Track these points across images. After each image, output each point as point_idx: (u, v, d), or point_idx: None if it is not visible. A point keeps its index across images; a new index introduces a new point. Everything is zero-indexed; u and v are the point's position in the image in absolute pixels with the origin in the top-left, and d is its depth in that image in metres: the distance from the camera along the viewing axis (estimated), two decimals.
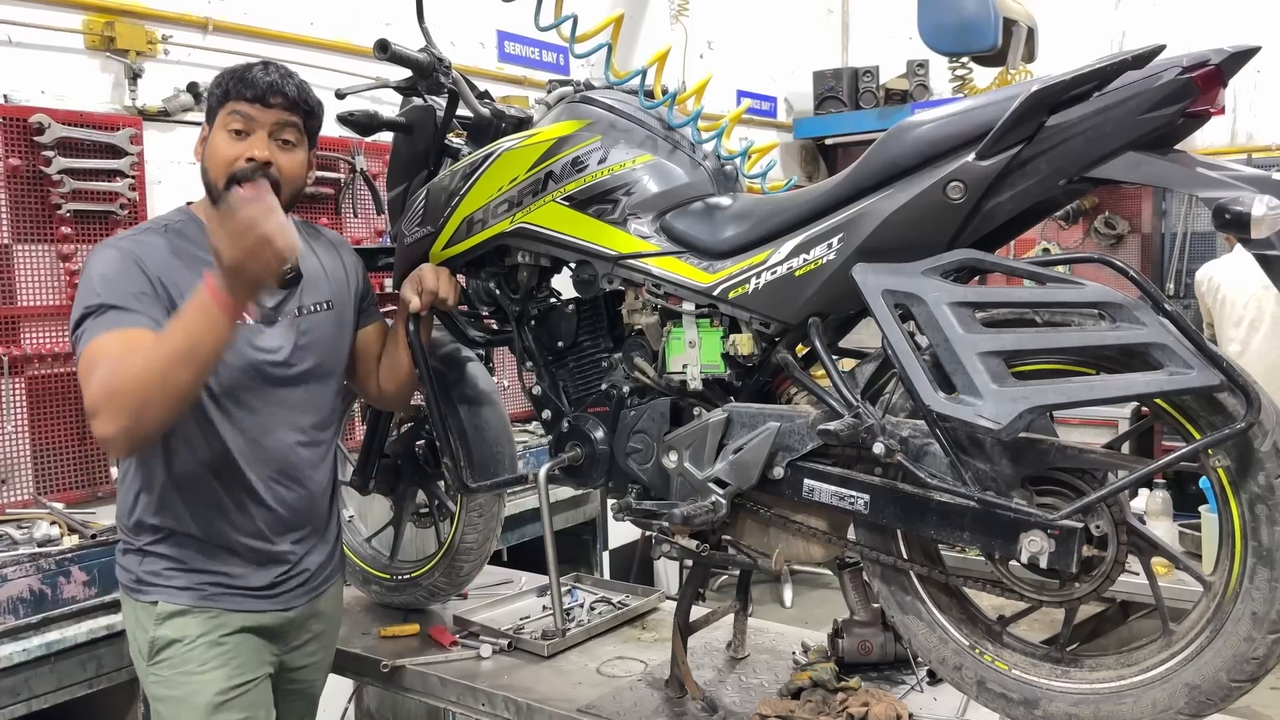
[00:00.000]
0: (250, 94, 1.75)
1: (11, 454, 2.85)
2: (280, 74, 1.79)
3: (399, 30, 2.16)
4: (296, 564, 1.90)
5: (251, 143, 1.76)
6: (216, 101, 1.79)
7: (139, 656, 1.83)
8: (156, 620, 1.79)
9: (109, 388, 1.55)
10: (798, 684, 1.94)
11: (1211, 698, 1.39)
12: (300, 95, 1.80)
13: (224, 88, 1.78)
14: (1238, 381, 1.29)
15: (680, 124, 1.89)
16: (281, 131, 1.79)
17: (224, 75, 1.80)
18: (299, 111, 1.80)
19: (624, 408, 1.88)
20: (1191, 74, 1.30)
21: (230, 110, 1.76)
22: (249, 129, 1.76)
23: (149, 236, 1.78)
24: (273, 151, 1.77)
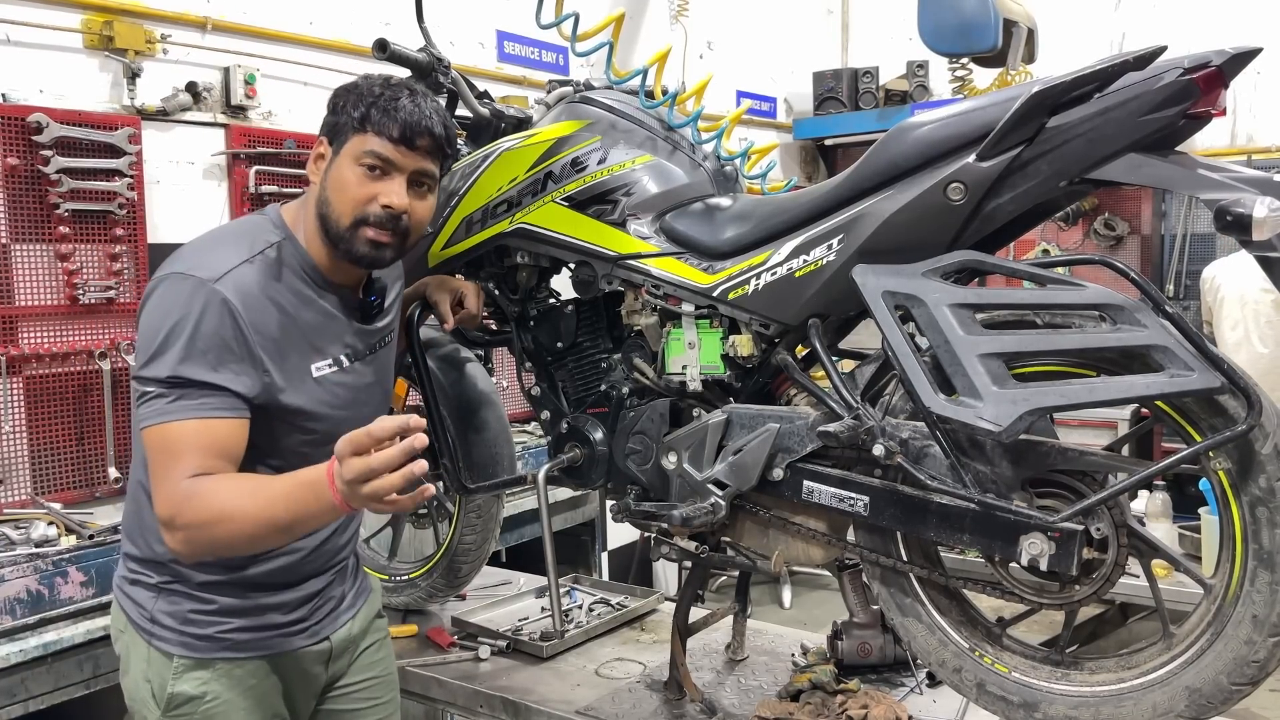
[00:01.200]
0: (396, 134, 1.54)
1: (9, 454, 2.84)
2: (429, 110, 1.57)
3: (398, 30, 2.16)
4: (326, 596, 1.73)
5: (388, 187, 1.55)
6: (351, 126, 1.56)
7: (148, 701, 1.62)
8: (175, 672, 1.59)
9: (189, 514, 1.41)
10: (797, 686, 1.94)
11: (1212, 701, 1.38)
12: (446, 136, 1.60)
13: (363, 113, 1.55)
14: (1239, 384, 1.29)
15: (680, 124, 1.89)
16: (421, 177, 1.59)
17: (364, 94, 1.56)
18: (439, 157, 1.62)
19: (623, 409, 1.88)
20: (1193, 75, 1.30)
21: (368, 145, 1.54)
22: (386, 170, 1.56)
23: (242, 273, 1.52)
24: (410, 202, 1.57)
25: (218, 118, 3.38)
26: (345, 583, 1.79)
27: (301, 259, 1.60)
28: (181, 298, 1.48)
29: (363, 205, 1.55)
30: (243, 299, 1.50)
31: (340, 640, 1.76)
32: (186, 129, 3.31)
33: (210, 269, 1.50)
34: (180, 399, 1.45)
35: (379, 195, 1.55)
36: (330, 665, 1.75)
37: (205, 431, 1.45)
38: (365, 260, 1.59)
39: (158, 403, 1.46)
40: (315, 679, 1.74)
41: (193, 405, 1.45)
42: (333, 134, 1.59)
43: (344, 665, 1.79)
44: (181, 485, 1.42)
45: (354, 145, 1.56)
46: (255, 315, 1.51)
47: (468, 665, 2.24)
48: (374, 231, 1.56)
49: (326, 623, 1.73)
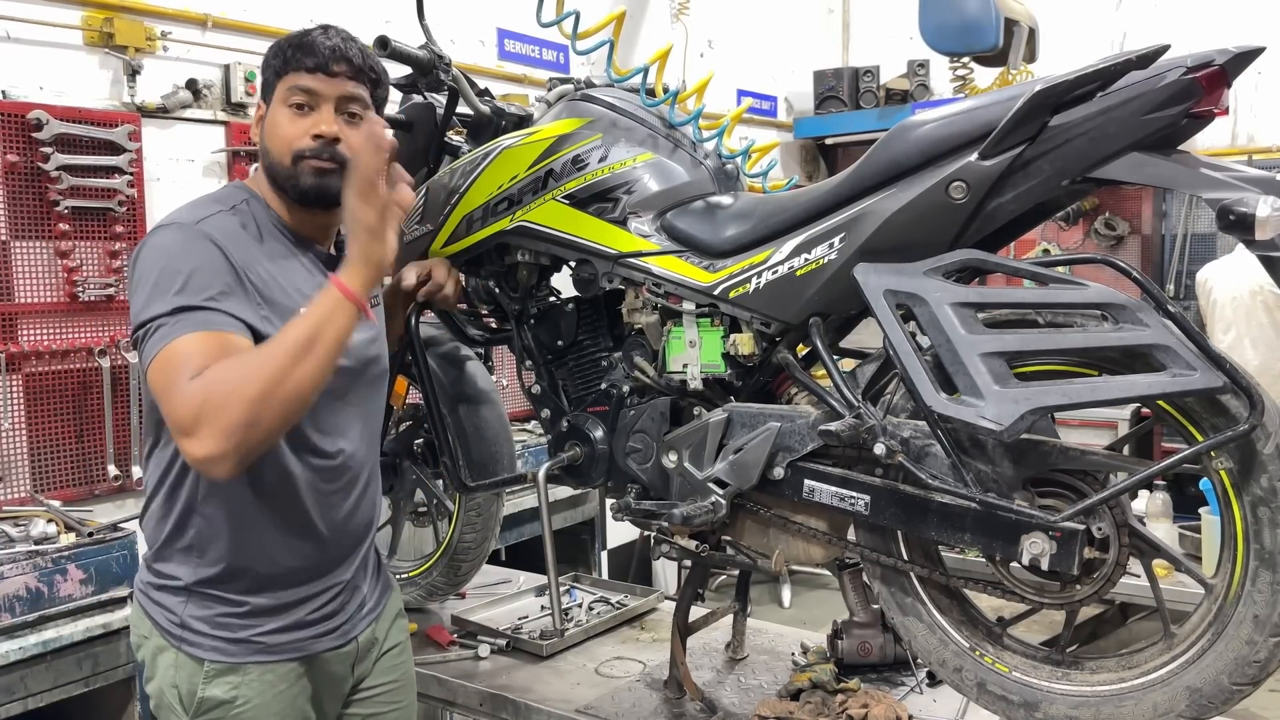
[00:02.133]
0: (312, 63, 1.56)
1: (9, 451, 2.84)
2: (342, 38, 1.60)
3: (399, 27, 2.15)
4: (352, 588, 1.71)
5: (317, 118, 1.57)
6: (274, 74, 1.59)
7: (175, 707, 1.59)
8: (206, 677, 1.57)
9: (206, 398, 1.32)
10: (797, 685, 1.94)
11: (1213, 701, 1.38)
12: (366, 62, 1.61)
13: (282, 57, 1.58)
14: (1241, 383, 1.29)
15: (681, 123, 1.88)
16: (348, 104, 1.59)
17: (281, 44, 1.60)
18: (365, 80, 1.61)
19: (624, 407, 1.87)
20: (1195, 74, 1.30)
21: (291, 83, 1.57)
22: (312, 103, 1.57)
23: (224, 219, 1.53)
24: (340, 126, 1.58)
25: (218, 115, 3.38)
26: (369, 578, 1.76)
27: (270, 215, 1.61)
28: (168, 242, 1.48)
29: (295, 140, 1.56)
30: (226, 238, 1.50)
31: (365, 641, 1.74)
32: (186, 126, 3.31)
33: (192, 217, 1.52)
34: (180, 321, 1.40)
35: (309, 129, 1.57)
36: (356, 667, 1.73)
37: (210, 340, 1.39)
38: (314, 191, 1.57)
39: (158, 332, 1.40)
40: (342, 682, 1.72)
41: (195, 321, 1.40)
42: (264, 92, 1.63)
43: (368, 667, 1.76)
44: (193, 382, 1.34)
45: (280, 90, 1.58)
46: (240, 254, 1.50)
47: (467, 664, 2.23)
48: (314, 162, 1.56)
49: (353, 622, 1.71)
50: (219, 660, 1.57)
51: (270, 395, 1.33)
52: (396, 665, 1.82)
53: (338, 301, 1.39)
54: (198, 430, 1.32)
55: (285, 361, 1.34)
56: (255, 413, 1.32)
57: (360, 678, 1.75)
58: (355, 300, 1.40)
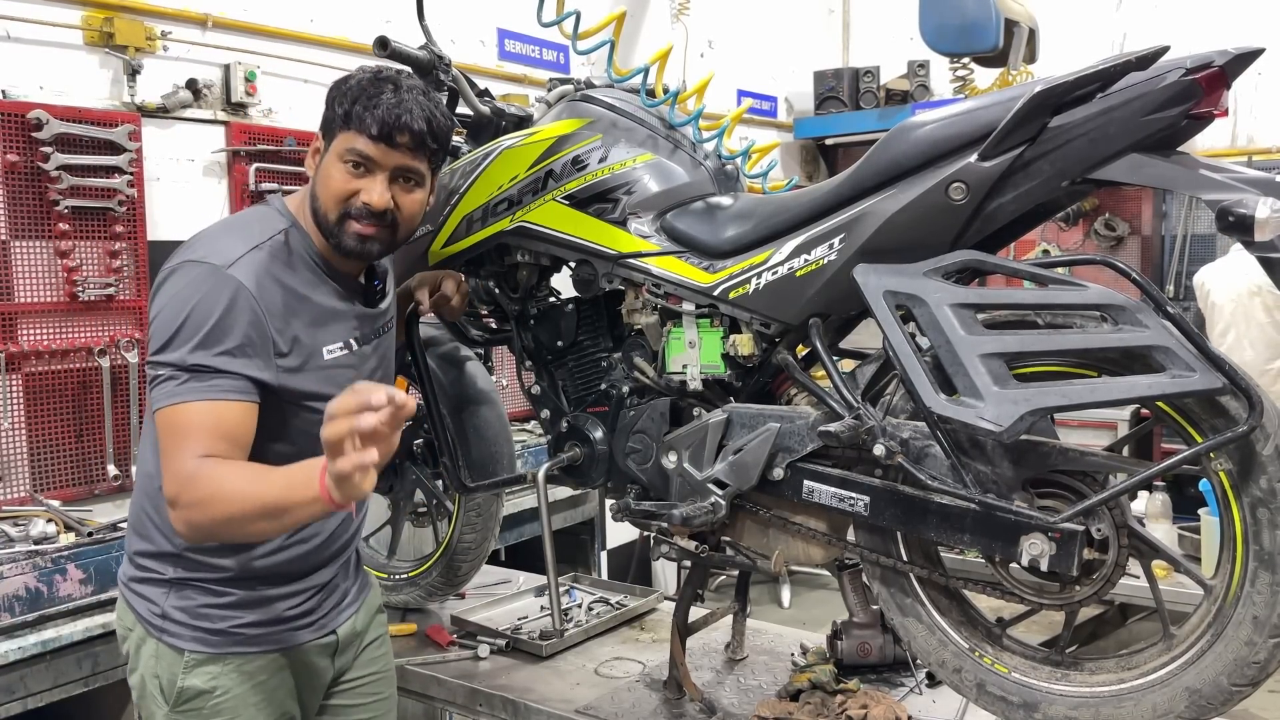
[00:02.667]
0: (375, 130, 1.55)
1: (8, 451, 2.84)
2: (411, 104, 1.57)
3: (399, 27, 2.15)
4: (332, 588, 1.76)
5: (370, 185, 1.57)
6: (338, 121, 1.58)
7: (155, 697, 1.63)
8: (186, 667, 1.61)
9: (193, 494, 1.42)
10: (796, 686, 1.94)
11: (1212, 702, 1.38)
12: (430, 130, 1.59)
13: (346, 109, 1.56)
14: (1240, 384, 1.29)
15: (681, 123, 1.88)
16: (405, 173, 1.60)
17: (351, 90, 1.57)
18: (425, 152, 1.61)
19: (623, 408, 1.87)
20: (1195, 75, 1.30)
21: (350, 143, 1.57)
22: (369, 168, 1.58)
23: (261, 259, 1.56)
24: (394, 194, 1.59)
25: (218, 115, 3.38)
26: (349, 577, 1.81)
27: (307, 246, 1.63)
28: (196, 284, 1.51)
29: (345, 201, 1.58)
30: (256, 283, 1.53)
31: (345, 634, 1.77)
32: (187, 126, 3.31)
33: (223, 256, 1.53)
34: (190, 381, 1.47)
35: (360, 192, 1.58)
36: (336, 659, 1.77)
37: (214, 413, 1.47)
38: (353, 253, 1.62)
39: (169, 385, 1.48)
40: (322, 673, 1.76)
41: (203, 387, 1.47)
42: (325, 130, 1.62)
43: (349, 660, 1.81)
44: (189, 464, 1.44)
45: (339, 142, 1.58)
46: (269, 299, 1.54)
47: (467, 664, 2.23)
48: (359, 225, 1.59)
49: (332, 616, 1.75)
50: (199, 650, 1.61)
51: (232, 526, 1.44)
52: (377, 658, 1.86)
53: (316, 498, 1.36)
54: (174, 507, 1.45)
55: (253, 513, 1.41)
56: (216, 530, 1.46)
57: (341, 669, 1.80)
58: (331, 506, 1.37)
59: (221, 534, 1.49)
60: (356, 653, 1.82)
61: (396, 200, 1.60)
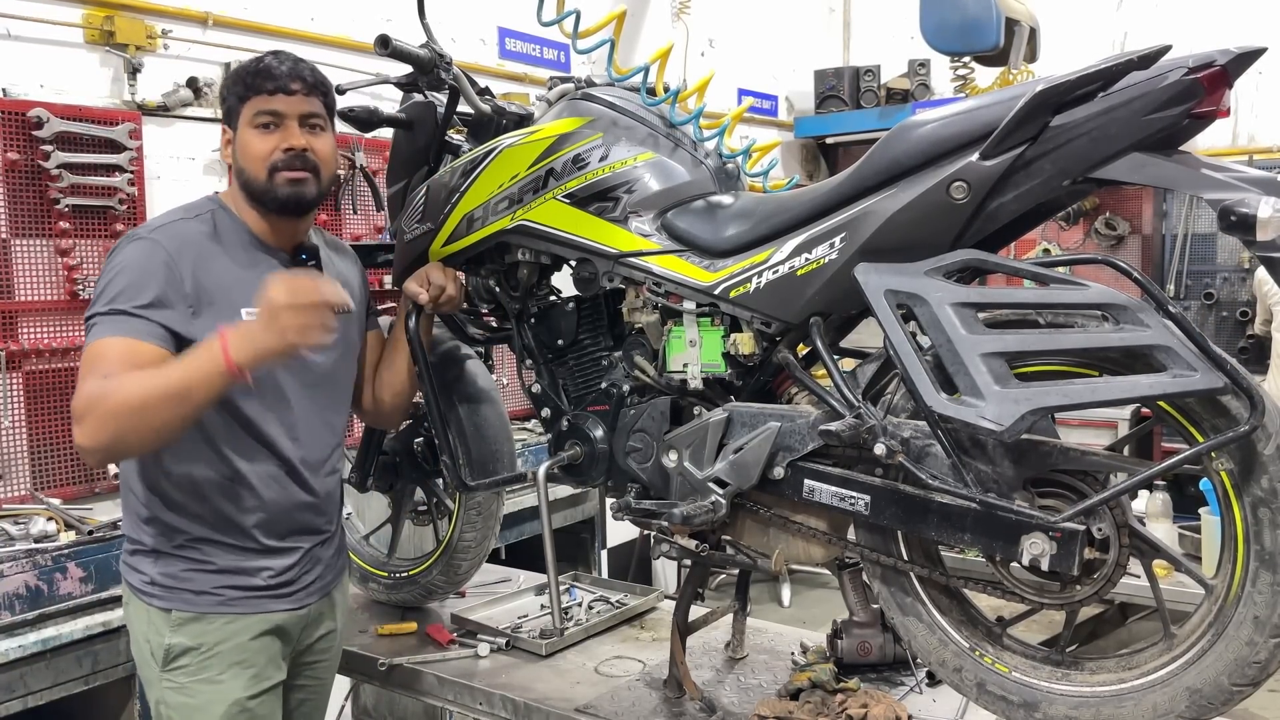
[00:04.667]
0: (272, 86, 1.74)
1: (8, 449, 2.84)
2: (292, 60, 1.79)
3: (400, 26, 2.15)
4: (312, 560, 1.88)
5: (284, 134, 1.76)
6: (237, 99, 1.77)
7: (149, 661, 1.78)
8: (172, 626, 1.75)
9: (96, 402, 1.54)
10: (796, 685, 1.93)
11: (1212, 701, 1.38)
12: (317, 77, 1.80)
13: (243, 84, 1.76)
14: (1241, 384, 1.28)
15: (682, 122, 1.88)
16: (309, 119, 1.78)
17: (239, 72, 1.79)
18: (319, 93, 1.80)
19: (624, 406, 1.87)
20: (1197, 75, 1.29)
21: (256, 107, 1.75)
22: (277, 122, 1.76)
23: (184, 225, 1.76)
24: (306, 138, 1.77)
25: (218, 113, 3.37)
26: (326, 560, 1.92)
27: (237, 223, 1.80)
28: (121, 252, 1.70)
29: (268, 157, 1.75)
30: (173, 243, 1.70)
31: (314, 612, 1.91)
32: (187, 124, 3.31)
33: (149, 227, 1.76)
34: (110, 323, 1.63)
35: (278, 144, 1.75)
36: (302, 635, 1.91)
37: (127, 348, 1.61)
38: (291, 200, 1.78)
39: (93, 330, 1.64)
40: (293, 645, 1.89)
41: (120, 326, 1.62)
42: (228, 118, 1.81)
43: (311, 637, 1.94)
44: (95, 381, 1.57)
45: (245, 114, 1.76)
46: (186, 258, 1.70)
47: (467, 663, 2.23)
48: (288, 173, 1.76)
49: (307, 592, 1.88)
50: (183, 609, 1.75)
51: (139, 424, 1.55)
52: (330, 647, 2.01)
53: (216, 367, 1.54)
54: (80, 423, 1.56)
55: (157, 402, 1.54)
56: (123, 432, 1.55)
57: (303, 646, 1.92)
58: (233, 371, 1.54)
59: (128, 436, 1.55)
60: (319, 635, 1.95)
61: (310, 143, 1.77)
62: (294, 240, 1.86)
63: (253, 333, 1.53)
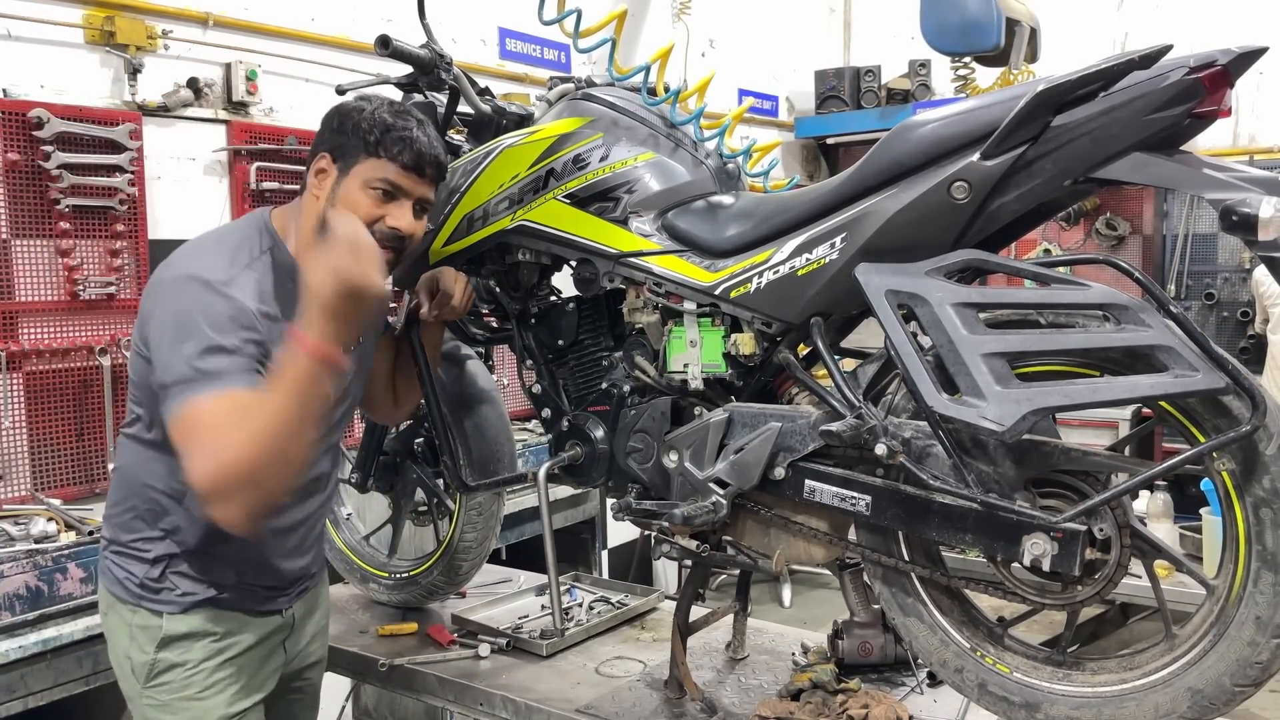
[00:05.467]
0: (408, 160, 1.64)
1: (9, 449, 2.84)
2: (434, 140, 1.68)
3: (400, 26, 2.15)
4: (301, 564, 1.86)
5: (397, 212, 1.65)
6: (363, 149, 1.63)
7: (130, 675, 1.73)
8: (159, 644, 1.70)
9: (221, 472, 1.40)
10: (797, 685, 1.93)
11: (1214, 702, 1.38)
12: (442, 162, 1.71)
13: (376, 138, 1.63)
14: (1243, 384, 1.28)
15: (682, 122, 1.88)
16: (422, 202, 1.70)
17: (379, 122, 1.64)
18: (439, 179, 1.73)
19: (624, 407, 1.87)
20: (1198, 74, 1.29)
21: (380, 172, 1.63)
22: (395, 196, 1.65)
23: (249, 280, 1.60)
24: (413, 223, 1.68)
25: (219, 114, 3.38)
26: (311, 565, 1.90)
27: (289, 261, 1.67)
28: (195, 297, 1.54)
29: (370, 226, 1.60)
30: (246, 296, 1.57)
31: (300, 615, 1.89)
32: (188, 125, 3.31)
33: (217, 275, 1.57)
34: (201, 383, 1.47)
35: (387, 217, 1.64)
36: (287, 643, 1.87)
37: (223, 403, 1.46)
38: None
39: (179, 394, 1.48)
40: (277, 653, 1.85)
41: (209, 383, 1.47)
42: (339, 153, 1.65)
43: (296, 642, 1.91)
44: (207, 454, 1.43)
45: (365, 169, 1.63)
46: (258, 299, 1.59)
47: (468, 663, 2.23)
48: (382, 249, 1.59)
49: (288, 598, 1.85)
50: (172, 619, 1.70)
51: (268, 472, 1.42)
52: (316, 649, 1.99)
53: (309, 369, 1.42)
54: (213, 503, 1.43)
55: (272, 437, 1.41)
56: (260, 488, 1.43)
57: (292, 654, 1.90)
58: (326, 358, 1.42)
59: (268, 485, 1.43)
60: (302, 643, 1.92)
61: (414, 230, 1.68)
62: None
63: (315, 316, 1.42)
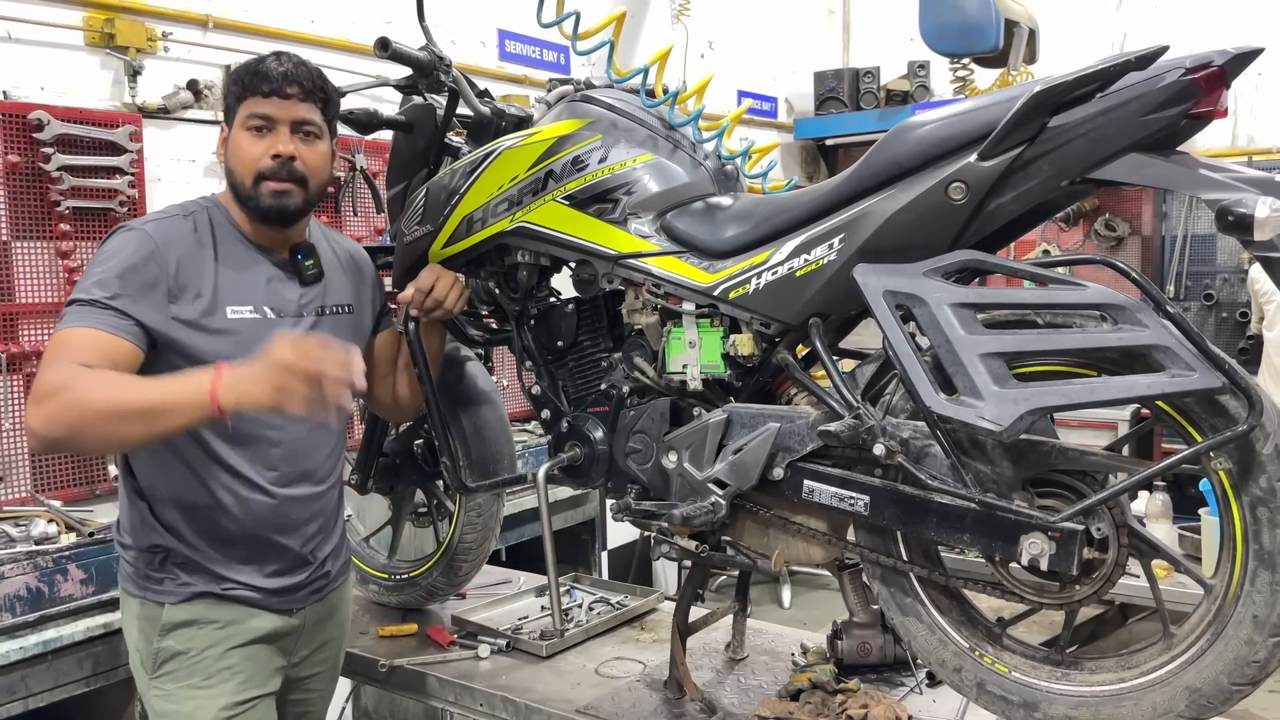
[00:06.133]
0: (267, 88, 1.71)
1: (9, 451, 2.85)
2: (294, 63, 1.75)
3: (400, 28, 2.16)
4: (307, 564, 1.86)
5: (274, 139, 1.73)
6: (234, 99, 1.75)
7: (140, 668, 1.79)
8: (161, 631, 1.75)
9: (60, 390, 1.50)
10: (797, 685, 1.94)
11: (1212, 701, 1.38)
12: (316, 83, 1.76)
13: (240, 84, 1.74)
14: (1240, 384, 1.29)
15: (681, 123, 1.89)
16: (302, 125, 1.75)
17: (239, 71, 1.76)
18: (317, 100, 1.77)
19: (623, 408, 1.88)
20: (1194, 75, 1.29)
21: (249, 109, 1.73)
22: (269, 126, 1.73)
23: (176, 221, 1.74)
24: (296, 146, 1.74)
25: (219, 115, 3.37)
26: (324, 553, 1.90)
27: (231, 223, 1.79)
28: (110, 240, 1.70)
29: (256, 162, 1.72)
30: (162, 236, 1.69)
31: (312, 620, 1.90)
32: (188, 127, 3.31)
33: (142, 221, 1.75)
34: (85, 313, 1.60)
35: (267, 150, 1.72)
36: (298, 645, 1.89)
37: (98, 341, 1.58)
38: (273, 211, 1.75)
39: (67, 317, 1.61)
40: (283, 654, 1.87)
41: (94, 318, 1.59)
42: (226, 116, 1.79)
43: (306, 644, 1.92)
44: (65, 367, 1.53)
45: (240, 114, 1.74)
46: (173, 251, 1.69)
47: (467, 664, 2.23)
48: (273, 183, 1.73)
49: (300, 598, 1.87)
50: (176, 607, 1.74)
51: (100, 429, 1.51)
52: (328, 658, 2.00)
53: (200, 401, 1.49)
54: (38, 405, 1.52)
55: (124, 412, 1.50)
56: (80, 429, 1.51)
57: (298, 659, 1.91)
58: (215, 410, 1.49)
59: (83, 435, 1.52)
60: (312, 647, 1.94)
61: (299, 152, 1.74)
62: (287, 243, 1.84)
63: (246, 380, 1.47)
